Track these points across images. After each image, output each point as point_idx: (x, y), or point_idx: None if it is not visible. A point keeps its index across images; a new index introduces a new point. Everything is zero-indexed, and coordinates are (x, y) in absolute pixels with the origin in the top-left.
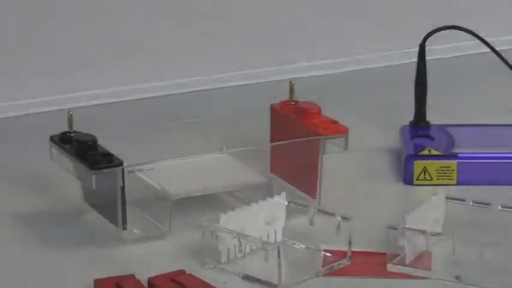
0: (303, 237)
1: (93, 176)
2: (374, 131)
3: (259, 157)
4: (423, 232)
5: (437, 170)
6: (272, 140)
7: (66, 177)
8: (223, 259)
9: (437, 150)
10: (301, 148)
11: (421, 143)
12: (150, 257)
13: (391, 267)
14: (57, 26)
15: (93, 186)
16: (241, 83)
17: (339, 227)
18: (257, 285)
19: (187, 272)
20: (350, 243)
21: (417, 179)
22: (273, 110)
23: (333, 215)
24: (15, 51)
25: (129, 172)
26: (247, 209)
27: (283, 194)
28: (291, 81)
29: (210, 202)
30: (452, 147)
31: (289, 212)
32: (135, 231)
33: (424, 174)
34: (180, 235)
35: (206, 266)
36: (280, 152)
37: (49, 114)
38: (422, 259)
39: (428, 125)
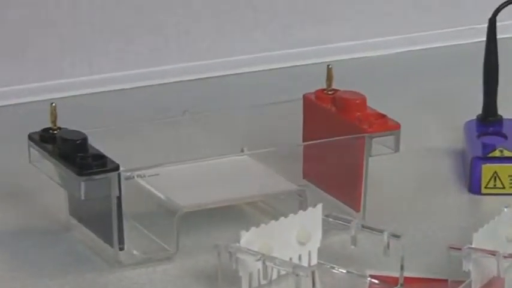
0: (344, 260)
1: (82, 184)
2: (431, 127)
3: (289, 160)
4: (494, 254)
5: (510, 176)
6: (305, 138)
7: (47, 185)
8: (244, 287)
9: (511, 152)
10: (342, 148)
11: (491, 142)
12: (153, 284)
13: None
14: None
15: (82, 197)
16: (266, 67)
17: (388, 247)
18: None
19: None
20: (402, 267)
21: (486, 187)
22: (307, 101)
23: (380, 232)
24: None
25: (127, 178)
26: (274, 225)
27: (319, 206)
28: (328, 65)
29: (228, 216)
30: None
31: (327, 229)
32: (135, 252)
33: (495, 181)
34: (191, 257)
35: None
36: (316, 154)
37: (27, 106)
38: (492, 287)
39: (500, 120)
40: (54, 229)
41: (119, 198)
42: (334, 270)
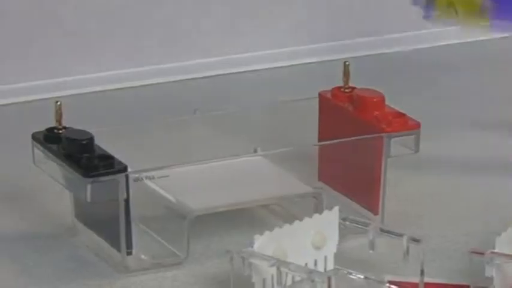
0: (361, 265)
1: (88, 186)
2: (453, 126)
3: (304, 160)
4: None
5: None
6: (321, 138)
7: (52, 187)
8: None
9: None
10: (359, 149)
11: None
12: None
13: None
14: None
15: (89, 199)
16: (280, 64)
17: (407, 251)
18: None
19: None
20: (422, 272)
21: None
22: (323, 99)
23: (400, 236)
24: None
25: (136, 180)
26: (289, 229)
27: (336, 208)
28: (345, 62)
29: (240, 219)
30: None
31: (344, 233)
32: (143, 257)
33: None
34: (202, 262)
35: None
36: (332, 154)
37: (31, 104)
38: None
39: None
40: (58, 233)
41: (127, 201)
42: (351, 276)
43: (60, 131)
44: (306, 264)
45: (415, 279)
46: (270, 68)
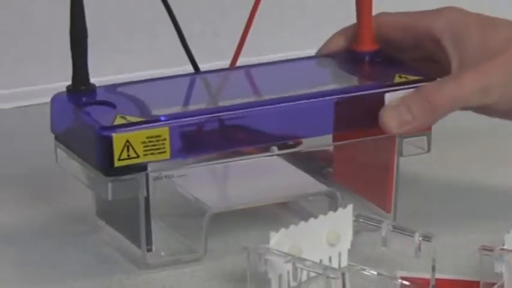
0: (375, 262)
1: (109, 185)
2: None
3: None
4: None
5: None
6: (335, 138)
7: (74, 185)
8: None
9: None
10: (372, 149)
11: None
12: (182, 286)
13: None
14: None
15: (110, 198)
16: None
17: (419, 248)
18: None
19: None
20: (434, 268)
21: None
22: None
23: (412, 233)
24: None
25: (155, 179)
26: (304, 226)
27: (350, 206)
28: None
29: (256, 217)
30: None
31: (357, 230)
32: (163, 253)
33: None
34: (219, 259)
35: None
36: (346, 154)
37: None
38: None
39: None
40: (81, 230)
41: (147, 198)
42: (364, 272)
43: None
44: (321, 260)
45: (427, 275)
46: None
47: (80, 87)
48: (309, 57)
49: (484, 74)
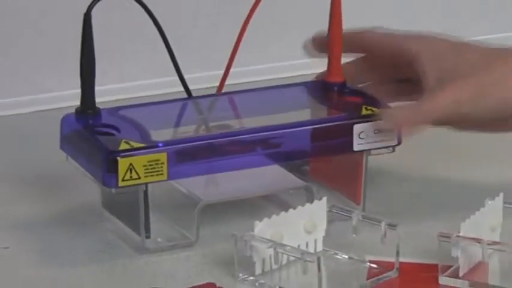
0: (346, 247)
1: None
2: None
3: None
4: (479, 241)
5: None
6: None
7: (82, 181)
8: (258, 271)
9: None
10: None
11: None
12: (177, 268)
13: (443, 280)
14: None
15: (113, 190)
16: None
17: (385, 235)
18: None
19: (218, 285)
20: (398, 253)
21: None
22: None
23: (378, 222)
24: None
25: None
26: (284, 216)
27: (324, 199)
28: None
29: (243, 208)
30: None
31: (331, 219)
32: (160, 240)
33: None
34: (210, 245)
35: (239, 279)
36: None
37: (65, 110)
38: (477, 271)
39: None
40: (89, 221)
41: (146, 192)
42: (337, 256)
43: None
44: (299, 246)
45: (392, 259)
46: (270, 79)
47: (87, 110)
48: (286, 85)
49: (457, 89)
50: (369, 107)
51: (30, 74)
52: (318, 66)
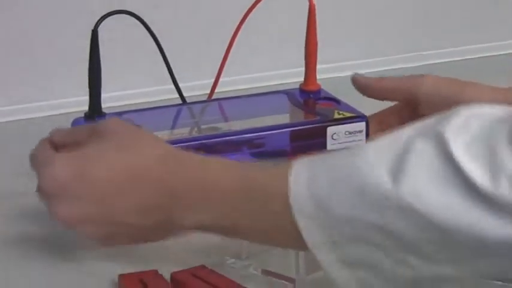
0: None
1: None
2: None
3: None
4: None
5: None
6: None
7: None
8: (243, 255)
9: None
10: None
11: None
12: (172, 253)
13: None
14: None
15: None
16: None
17: None
18: (275, 280)
19: (208, 268)
20: None
21: None
22: None
23: None
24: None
25: None
26: None
27: None
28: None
29: None
30: None
31: None
32: None
33: None
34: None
35: (227, 262)
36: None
37: (74, 115)
38: None
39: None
40: None
41: None
42: None
43: None
44: None
45: None
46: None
47: (95, 114)
48: (268, 93)
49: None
50: (341, 112)
51: (44, 82)
52: (297, 76)
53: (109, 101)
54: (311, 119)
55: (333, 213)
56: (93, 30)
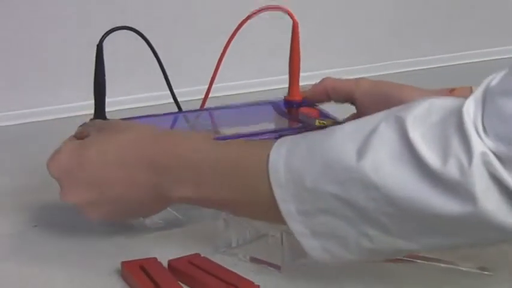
0: None
1: None
2: None
3: None
4: None
5: None
6: None
7: None
8: (234, 244)
9: None
10: None
11: None
12: (169, 242)
13: None
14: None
15: None
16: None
17: None
18: (263, 267)
19: (203, 256)
20: None
21: None
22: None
23: None
24: (51, 54)
25: None
26: None
27: None
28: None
29: None
30: None
31: None
32: (157, 220)
33: None
34: (197, 224)
35: (219, 250)
36: None
37: (82, 118)
38: None
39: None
40: None
41: None
42: None
43: None
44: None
45: None
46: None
47: (100, 119)
48: (255, 102)
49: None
50: (321, 120)
51: (54, 89)
52: (283, 82)
53: (112, 105)
54: (294, 127)
55: (304, 185)
56: (98, 45)
